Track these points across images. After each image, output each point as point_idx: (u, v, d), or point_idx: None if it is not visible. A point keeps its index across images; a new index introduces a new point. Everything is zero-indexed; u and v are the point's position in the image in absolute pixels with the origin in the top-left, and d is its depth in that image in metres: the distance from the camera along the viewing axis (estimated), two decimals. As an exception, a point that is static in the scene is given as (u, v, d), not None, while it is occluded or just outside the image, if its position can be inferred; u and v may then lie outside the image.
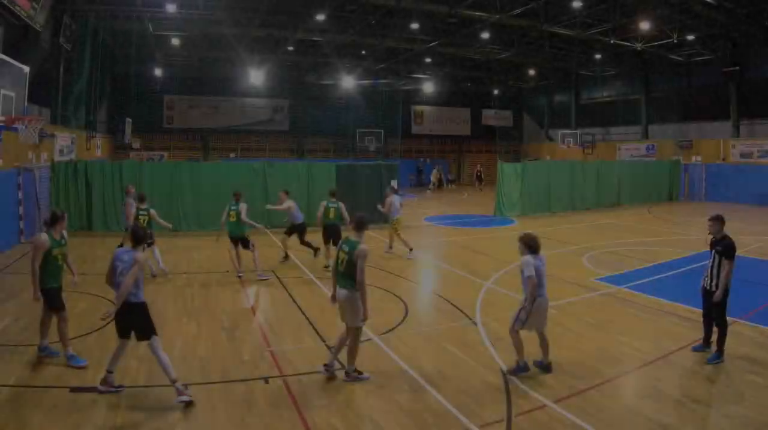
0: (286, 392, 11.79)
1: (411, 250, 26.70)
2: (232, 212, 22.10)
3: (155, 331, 11.61)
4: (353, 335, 12.32)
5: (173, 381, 11.21)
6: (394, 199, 27.79)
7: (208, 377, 12.43)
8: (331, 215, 23.69)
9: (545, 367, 12.81)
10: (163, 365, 11.27)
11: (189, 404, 10.97)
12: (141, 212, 21.09)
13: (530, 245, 12.95)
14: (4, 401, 10.98)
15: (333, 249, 21.55)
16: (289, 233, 24.75)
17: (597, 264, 24.72)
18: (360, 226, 12.67)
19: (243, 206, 22.00)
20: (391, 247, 27.92)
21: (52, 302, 12.89)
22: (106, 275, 11.77)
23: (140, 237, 11.90)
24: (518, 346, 12.69)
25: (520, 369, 12.63)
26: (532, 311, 12.61)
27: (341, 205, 23.87)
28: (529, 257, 12.88)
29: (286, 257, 25.21)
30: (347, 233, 13.59)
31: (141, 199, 21.51)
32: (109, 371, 11.52)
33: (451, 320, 16.86)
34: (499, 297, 19.35)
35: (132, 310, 11.39)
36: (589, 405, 11.13)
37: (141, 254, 11.67)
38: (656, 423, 10.40)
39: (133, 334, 11.59)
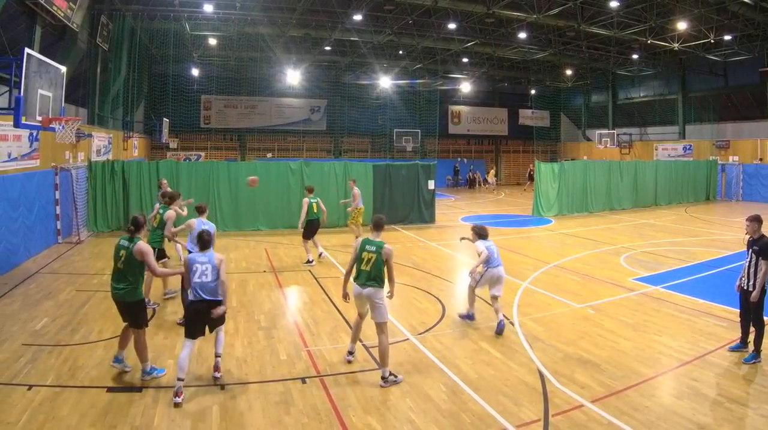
0: (324, 392, 11.80)
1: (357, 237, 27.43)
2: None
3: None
4: (383, 332, 12.52)
5: (217, 355, 12.50)
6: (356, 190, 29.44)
7: (245, 377, 12.47)
8: (315, 210, 24.37)
9: (470, 316, 16.73)
10: (219, 340, 12.56)
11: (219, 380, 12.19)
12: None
13: (481, 233, 16.92)
14: (41, 401, 11.02)
15: (310, 243, 24.17)
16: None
17: (634, 264, 24.55)
18: (378, 226, 13.18)
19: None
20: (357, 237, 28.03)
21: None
22: (182, 279, 12.85)
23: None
24: (470, 300, 16.74)
25: (467, 316, 16.73)
26: (483, 277, 16.34)
27: (319, 200, 24.80)
28: (480, 242, 16.74)
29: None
30: (365, 234, 14.07)
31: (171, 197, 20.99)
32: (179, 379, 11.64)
33: (488, 319, 16.72)
34: (537, 297, 19.31)
35: (211, 306, 11.86)
36: (626, 405, 11.08)
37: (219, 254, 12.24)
38: (693, 423, 10.36)
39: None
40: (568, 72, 71.28)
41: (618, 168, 46.96)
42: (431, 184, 37.20)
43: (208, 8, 42.00)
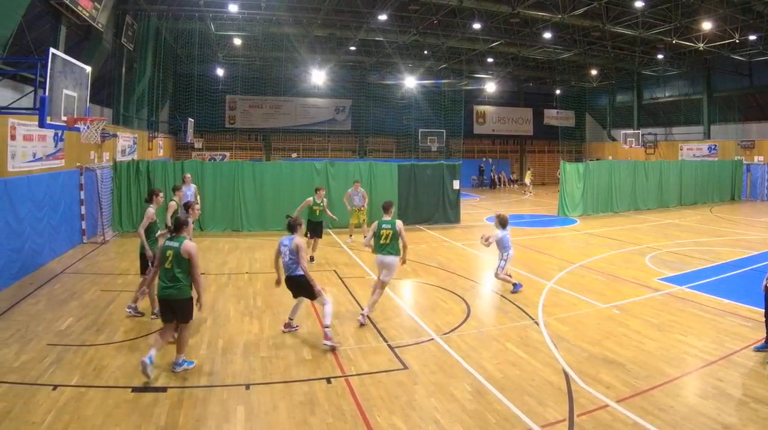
0: (349, 392, 11.79)
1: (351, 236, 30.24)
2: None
3: (319, 292, 14.28)
4: (383, 288, 16.76)
5: (325, 326, 14.10)
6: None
7: (270, 377, 12.48)
8: (318, 213, 25.33)
9: (517, 286, 19.75)
10: (325, 312, 14.21)
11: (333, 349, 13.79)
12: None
13: (503, 223, 19.69)
14: (66, 401, 11.04)
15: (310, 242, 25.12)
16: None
17: (659, 264, 24.48)
18: (387, 209, 16.91)
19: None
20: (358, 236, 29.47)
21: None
22: (274, 259, 14.81)
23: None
24: (508, 280, 19.80)
25: (517, 286, 19.64)
26: (506, 262, 19.77)
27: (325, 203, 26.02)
28: (499, 231, 19.64)
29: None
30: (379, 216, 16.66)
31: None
32: (290, 318, 15.39)
33: (513, 319, 16.79)
34: (562, 297, 19.28)
35: (297, 281, 14.38)
36: (651, 405, 11.04)
37: (301, 239, 14.46)
38: (718, 423, 10.29)
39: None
40: (593, 72, 71.14)
41: (643, 168, 46.78)
42: (456, 184, 37.14)
43: (233, 8, 42.18)
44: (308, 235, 24.45)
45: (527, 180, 66.79)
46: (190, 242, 12.43)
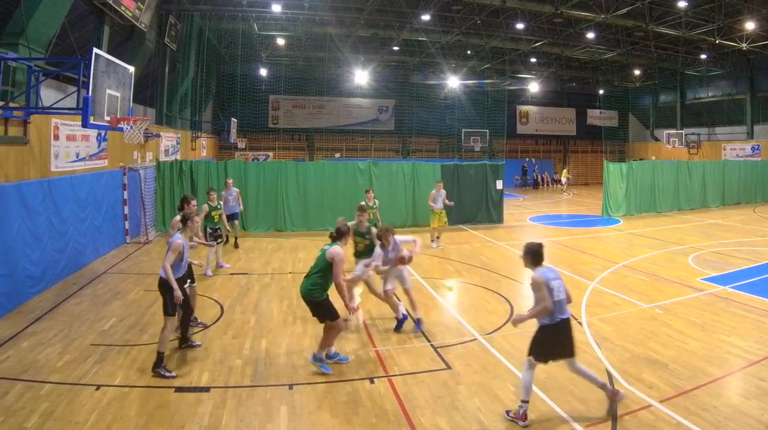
0: (392, 392, 11.81)
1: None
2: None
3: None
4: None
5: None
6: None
7: (313, 377, 12.52)
8: (371, 216, 23.83)
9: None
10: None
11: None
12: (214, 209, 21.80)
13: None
14: (109, 401, 11.15)
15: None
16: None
17: (702, 264, 24.27)
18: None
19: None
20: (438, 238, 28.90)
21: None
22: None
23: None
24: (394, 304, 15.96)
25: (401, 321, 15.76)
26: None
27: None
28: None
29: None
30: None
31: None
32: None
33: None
34: (605, 297, 19.17)
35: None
36: (694, 405, 10.98)
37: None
38: (762, 423, 10.23)
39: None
40: (636, 72, 70.83)
41: (686, 168, 46.40)
42: (499, 184, 37.05)
43: (276, 8, 42.41)
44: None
45: (563, 179, 66.88)
46: (339, 249, 12.74)
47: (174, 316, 12.55)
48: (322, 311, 12.74)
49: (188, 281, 14.34)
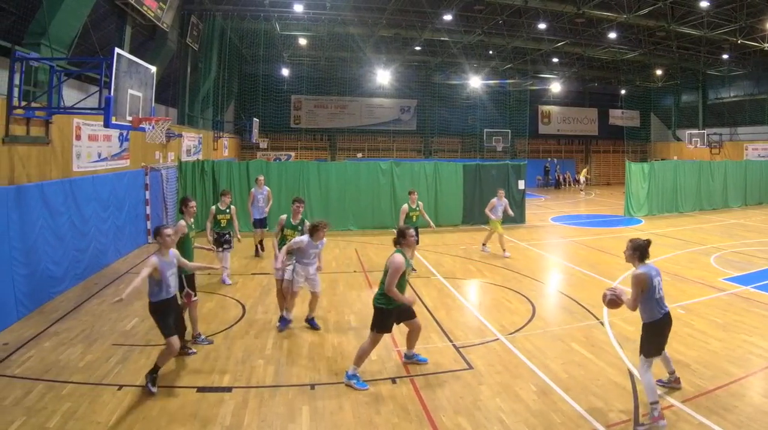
0: (414, 392, 11.81)
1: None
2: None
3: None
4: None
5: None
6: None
7: (335, 377, 12.53)
8: (414, 219, 23.30)
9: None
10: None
11: None
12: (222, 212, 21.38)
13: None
14: (131, 401, 11.18)
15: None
16: None
17: (724, 264, 24.22)
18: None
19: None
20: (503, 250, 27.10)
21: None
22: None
23: None
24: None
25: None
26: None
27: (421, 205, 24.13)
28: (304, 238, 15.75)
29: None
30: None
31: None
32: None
33: (578, 319, 16.79)
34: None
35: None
36: (717, 405, 10.95)
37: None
38: (785, 423, 10.19)
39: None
40: (658, 72, 70.64)
41: (708, 168, 46.33)
42: (521, 184, 37.13)
43: (298, 8, 42.60)
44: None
45: (581, 178, 67.15)
46: (398, 256, 12.27)
47: (173, 335, 12.26)
48: (373, 318, 12.53)
49: (188, 294, 14.40)
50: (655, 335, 10.91)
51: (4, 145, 16.06)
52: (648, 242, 11.21)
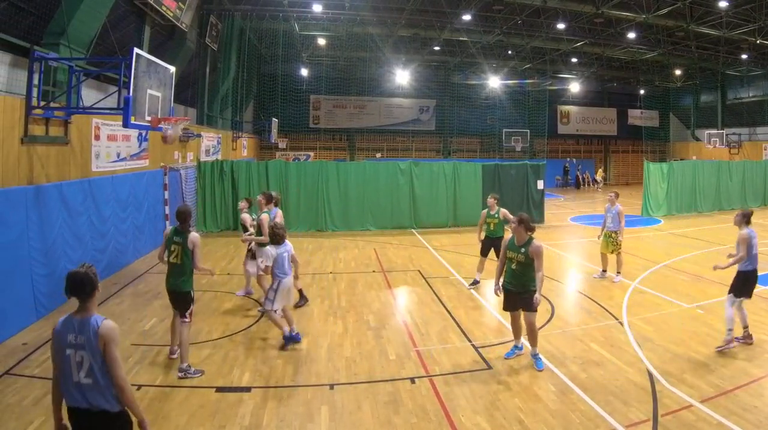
0: (433, 392, 11.78)
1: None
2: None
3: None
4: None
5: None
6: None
7: (354, 377, 12.53)
8: (492, 228, 20.82)
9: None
10: None
11: None
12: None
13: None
14: (150, 401, 11.21)
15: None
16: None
17: (743, 264, 24.11)
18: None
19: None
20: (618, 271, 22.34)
21: None
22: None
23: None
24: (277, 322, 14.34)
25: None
26: (278, 291, 14.05)
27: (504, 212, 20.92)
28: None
29: None
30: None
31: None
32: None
33: (597, 319, 16.75)
34: (646, 297, 19.11)
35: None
36: (736, 405, 10.90)
37: None
38: (806, 423, 10.13)
39: None
40: (677, 72, 70.37)
41: (727, 168, 46.21)
42: (540, 184, 37.03)
43: (317, 8, 42.66)
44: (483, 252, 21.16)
45: (598, 177, 67.76)
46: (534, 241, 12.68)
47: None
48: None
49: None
50: (746, 280, 14.23)
51: (24, 145, 16.11)
52: (751, 211, 15.49)
